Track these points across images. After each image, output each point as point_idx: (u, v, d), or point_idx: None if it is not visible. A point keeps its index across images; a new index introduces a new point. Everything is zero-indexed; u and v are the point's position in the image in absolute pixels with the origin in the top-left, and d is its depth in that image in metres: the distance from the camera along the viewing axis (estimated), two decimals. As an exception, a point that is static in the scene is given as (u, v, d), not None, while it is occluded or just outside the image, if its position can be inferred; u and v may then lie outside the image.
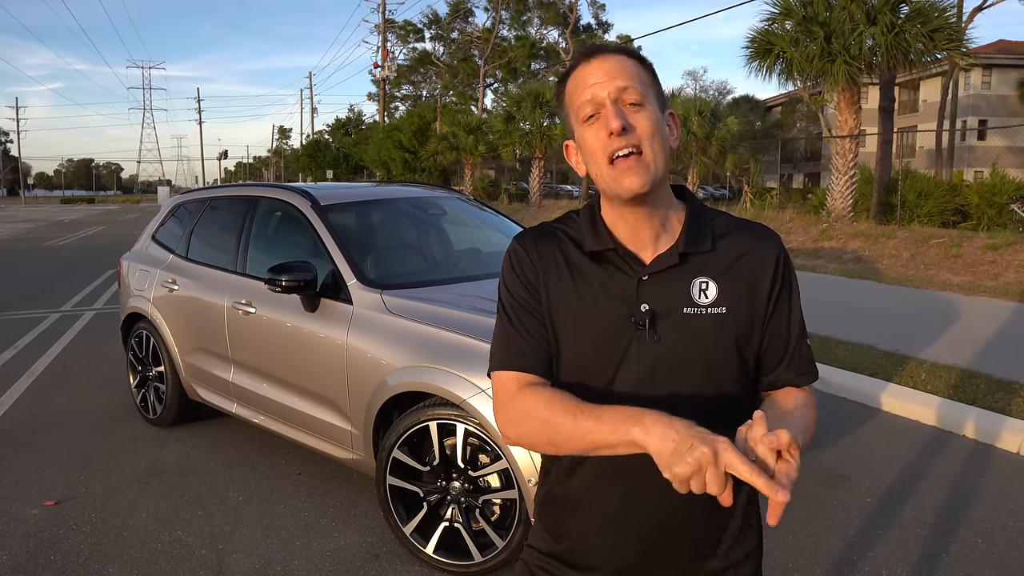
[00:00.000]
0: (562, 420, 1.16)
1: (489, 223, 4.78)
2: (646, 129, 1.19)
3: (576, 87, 1.23)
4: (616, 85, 1.19)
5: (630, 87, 1.19)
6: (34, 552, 3.29)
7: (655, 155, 1.20)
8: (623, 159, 1.19)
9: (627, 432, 1.07)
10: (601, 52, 1.24)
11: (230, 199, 4.80)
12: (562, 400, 1.18)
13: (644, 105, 1.20)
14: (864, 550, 3.28)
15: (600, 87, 1.20)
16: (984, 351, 6.35)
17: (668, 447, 1.01)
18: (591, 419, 1.12)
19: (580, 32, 48.75)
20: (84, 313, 9.25)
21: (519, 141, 29.16)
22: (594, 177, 1.25)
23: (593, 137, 1.21)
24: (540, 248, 1.31)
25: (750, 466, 0.96)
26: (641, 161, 1.19)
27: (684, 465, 0.98)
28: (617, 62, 1.22)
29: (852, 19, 14.70)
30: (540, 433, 1.19)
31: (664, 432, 1.03)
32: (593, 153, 1.21)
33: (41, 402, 5.50)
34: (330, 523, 3.55)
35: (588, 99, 1.20)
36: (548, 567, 1.36)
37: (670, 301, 1.23)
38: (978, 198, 15.81)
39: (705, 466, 0.97)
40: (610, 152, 1.19)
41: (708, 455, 0.97)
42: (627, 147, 1.18)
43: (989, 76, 34.58)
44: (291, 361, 3.81)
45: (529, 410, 1.20)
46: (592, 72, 1.22)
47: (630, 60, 1.24)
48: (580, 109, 1.22)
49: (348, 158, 56.00)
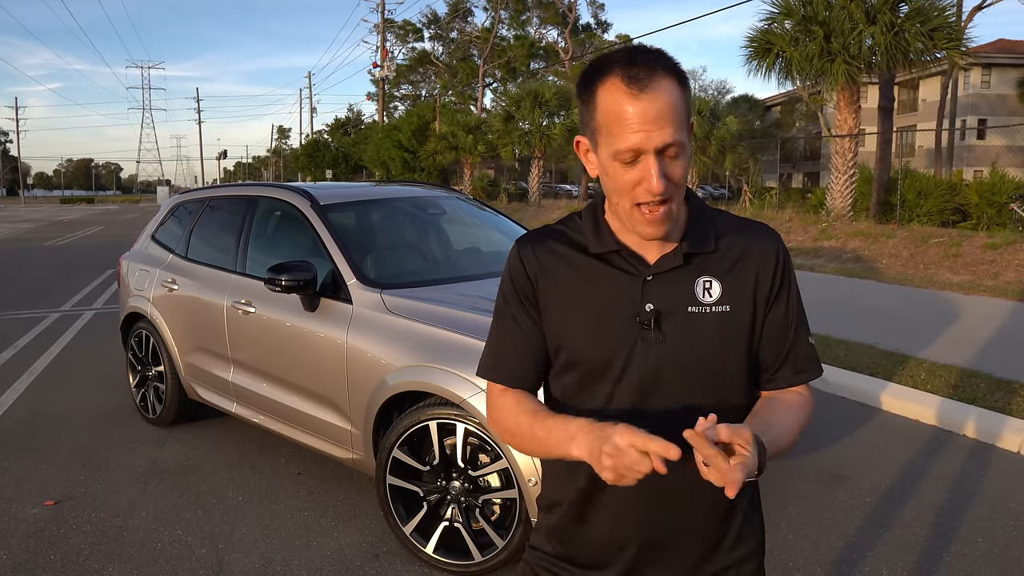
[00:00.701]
0: (524, 428, 1.27)
1: (488, 223, 4.78)
2: (679, 178, 1.17)
3: (615, 118, 1.14)
4: (664, 140, 1.12)
5: (675, 140, 1.13)
6: (34, 552, 3.29)
7: (679, 200, 1.21)
8: (651, 208, 1.17)
9: (567, 451, 1.17)
10: (651, 82, 1.12)
11: (230, 199, 4.80)
12: (526, 405, 1.29)
13: (683, 151, 1.16)
14: (864, 549, 3.28)
15: (647, 139, 1.12)
16: (984, 350, 6.35)
17: (593, 460, 1.12)
18: (544, 430, 1.23)
19: (579, 32, 48.77)
20: (84, 313, 9.24)
21: (518, 141, 29.15)
22: (610, 199, 1.24)
23: (626, 177, 1.16)
24: (539, 254, 1.31)
25: (644, 436, 1.05)
26: (667, 211, 1.18)
27: (606, 470, 1.08)
28: (666, 99, 1.12)
29: (852, 18, 14.70)
30: (513, 437, 1.30)
31: (587, 443, 1.13)
32: (620, 190, 1.18)
33: (41, 402, 5.50)
34: (330, 523, 3.55)
35: (631, 146, 1.13)
36: (551, 567, 1.36)
37: (675, 301, 1.24)
38: (978, 197, 15.82)
39: (617, 459, 1.07)
40: (641, 200, 1.17)
41: (611, 451, 1.07)
42: (661, 204, 1.17)
43: (988, 75, 34.58)
44: (291, 361, 3.80)
45: (504, 415, 1.32)
46: (639, 113, 1.12)
47: (676, 89, 1.15)
48: (618, 151, 1.15)
49: (347, 158, 55.98)
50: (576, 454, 1.15)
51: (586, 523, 1.32)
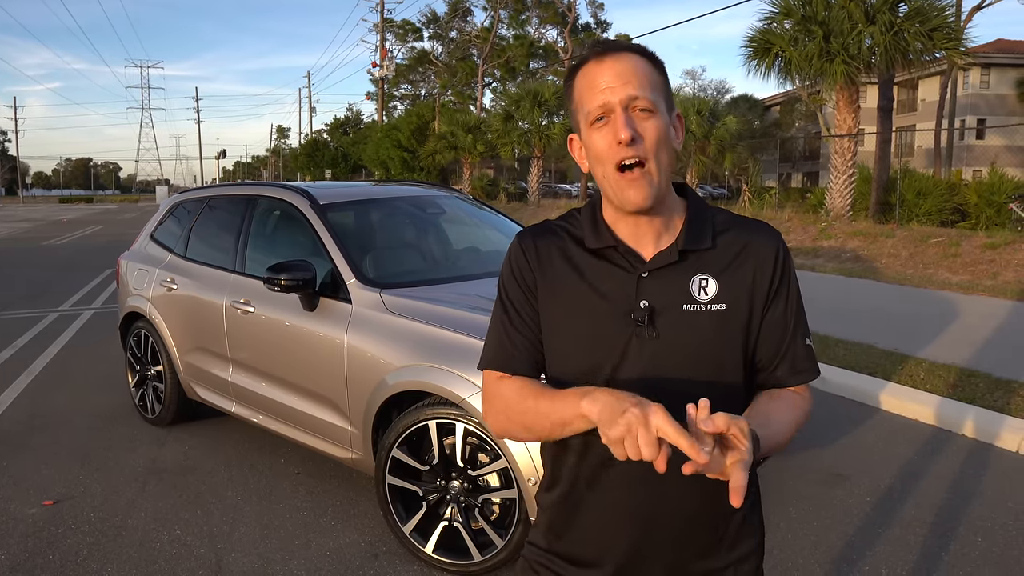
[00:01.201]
0: (528, 403, 1.24)
1: (488, 222, 4.78)
2: (653, 139, 1.19)
3: (586, 87, 1.21)
4: (628, 92, 1.18)
5: (641, 95, 1.18)
6: (33, 552, 3.29)
7: (660, 167, 1.20)
8: (629, 170, 1.19)
9: (576, 405, 1.13)
10: (613, 51, 1.21)
11: (229, 198, 4.79)
12: (531, 386, 1.26)
13: (654, 112, 1.19)
14: (864, 549, 3.28)
15: (611, 92, 1.18)
16: (983, 350, 6.36)
17: (606, 412, 1.07)
18: (549, 400, 1.20)
19: (579, 31, 48.74)
20: (83, 312, 9.23)
21: (518, 140, 29.15)
22: (598, 180, 1.25)
23: (600, 141, 1.20)
24: (540, 247, 1.32)
25: (677, 428, 1.00)
26: (645, 174, 1.19)
27: (616, 427, 1.03)
28: (630, 63, 1.20)
29: (851, 18, 14.71)
30: (515, 418, 1.26)
31: (605, 399, 1.09)
32: (599, 157, 1.21)
33: (39, 401, 5.49)
34: (329, 522, 3.55)
35: (599, 104, 1.19)
36: (549, 564, 1.36)
37: (670, 298, 1.24)
38: (977, 197, 15.82)
39: (635, 427, 1.02)
40: (617, 160, 1.19)
41: (638, 416, 1.02)
42: (634, 157, 1.18)
43: (988, 75, 34.60)
44: (290, 360, 3.80)
45: (505, 398, 1.28)
46: (604, 73, 1.19)
47: (642, 61, 1.22)
48: (590, 112, 1.20)
49: (347, 157, 55.94)
50: (587, 409, 1.10)
51: (584, 520, 1.32)
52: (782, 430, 1.22)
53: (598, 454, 1.26)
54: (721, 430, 1.01)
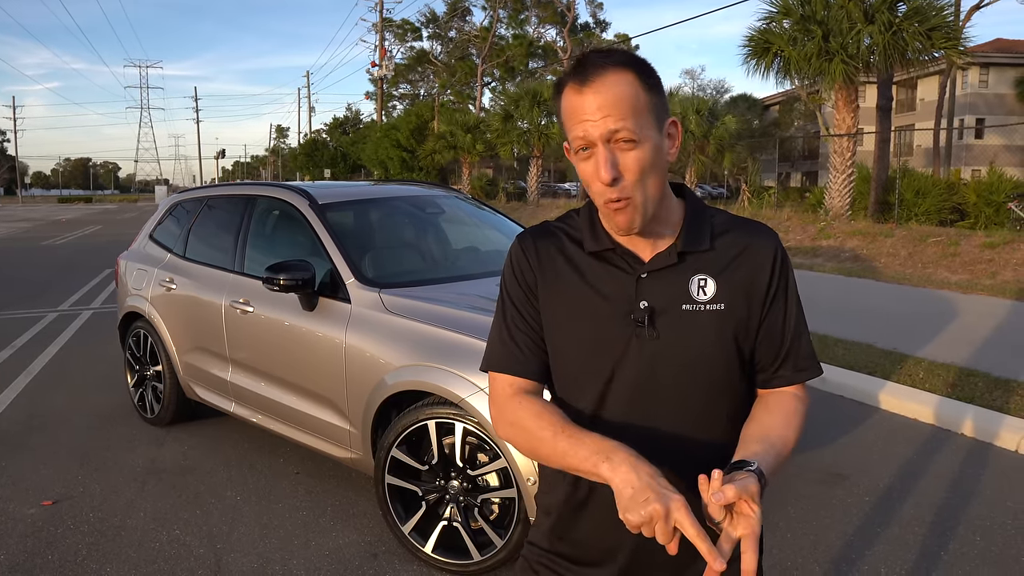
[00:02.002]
0: (545, 435, 1.21)
1: (487, 222, 4.78)
2: (636, 172, 1.17)
3: (569, 115, 1.19)
4: (608, 126, 1.14)
5: (623, 127, 1.14)
6: (31, 552, 3.28)
7: (645, 195, 1.19)
8: (614, 203, 1.19)
9: (596, 465, 1.12)
10: (595, 73, 1.16)
11: (228, 198, 4.79)
12: (549, 416, 1.23)
13: (638, 142, 1.16)
14: (863, 548, 3.28)
15: (592, 126, 1.15)
16: (982, 349, 6.36)
17: (627, 492, 1.06)
18: (568, 441, 1.18)
19: (578, 31, 48.75)
20: (82, 312, 9.23)
21: (517, 140, 29.15)
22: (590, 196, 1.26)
23: (586, 170, 1.20)
24: (540, 248, 1.33)
25: (698, 529, 1.00)
26: (630, 205, 1.19)
27: (637, 516, 1.04)
28: (612, 90, 1.15)
29: (850, 18, 14.71)
30: (525, 442, 1.26)
31: (627, 476, 1.08)
32: (587, 183, 1.22)
33: (38, 401, 5.49)
34: (328, 522, 3.55)
35: (579, 136, 1.17)
36: (551, 564, 1.36)
37: (669, 298, 1.24)
38: (976, 196, 15.83)
39: (656, 521, 1.03)
40: (603, 198, 1.19)
41: (660, 512, 1.03)
42: (617, 197, 1.18)
43: (986, 75, 34.62)
44: (289, 360, 3.80)
45: (520, 419, 1.26)
46: (584, 103, 1.16)
47: (627, 78, 1.16)
48: (573, 141, 1.19)
49: (346, 157, 55.94)
50: (607, 476, 1.10)
51: (585, 520, 1.32)
52: (785, 448, 1.23)
53: None
54: (731, 501, 1.02)
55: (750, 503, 1.03)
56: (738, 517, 1.04)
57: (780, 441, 1.22)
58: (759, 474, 1.09)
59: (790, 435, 1.25)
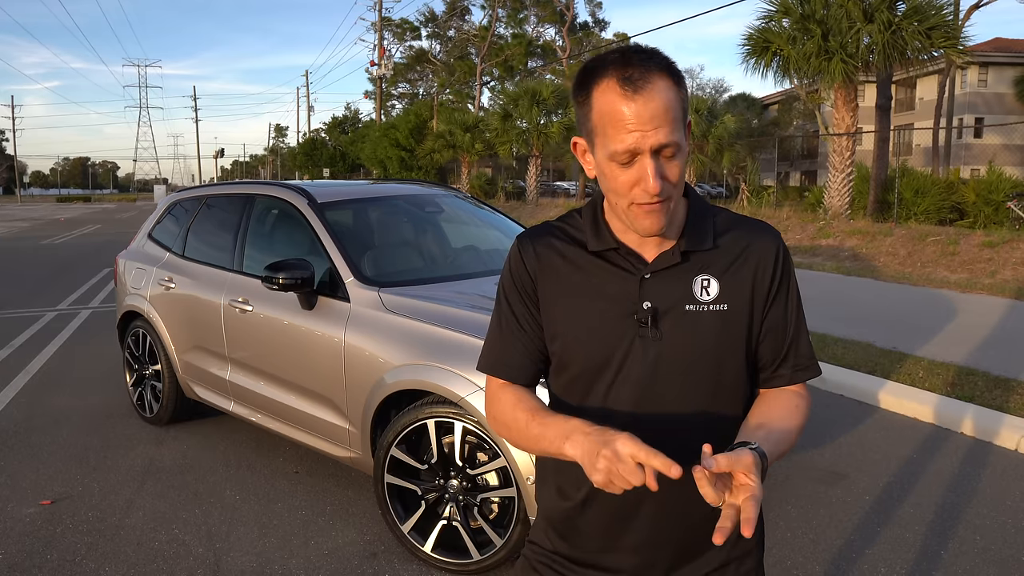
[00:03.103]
0: (520, 419, 1.26)
1: (486, 221, 4.77)
2: (677, 178, 1.17)
3: (611, 121, 1.13)
4: (659, 139, 1.11)
5: (671, 140, 1.12)
6: (30, 552, 3.28)
7: (676, 198, 1.20)
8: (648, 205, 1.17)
9: (560, 448, 1.15)
10: (645, 84, 1.11)
11: (227, 197, 4.78)
12: (526, 403, 1.27)
13: (680, 151, 1.15)
14: (863, 547, 3.28)
15: (643, 138, 1.11)
16: (981, 348, 6.36)
17: (586, 460, 1.09)
18: (540, 427, 1.22)
19: (577, 30, 48.74)
20: (80, 312, 9.22)
21: (516, 139, 29.13)
22: (608, 198, 1.23)
23: (623, 178, 1.16)
24: (539, 250, 1.32)
25: (647, 450, 1.02)
26: (664, 207, 1.18)
27: (597, 472, 1.05)
28: (661, 100, 1.11)
29: (849, 17, 14.71)
30: (510, 433, 1.29)
31: (582, 445, 1.11)
32: (618, 191, 1.18)
33: (37, 401, 5.48)
34: (328, 522, 3.54)
35: (628, 147, 1.12)
36: (552, 563, 1.36)
37: (672, 299, 1.24)
38: (975, 196, 15.84)
39: (613, 465, 1.04)
40: (639, 202, 1.16)
41: (609, 456, 1.04)
42: (658, 201, 1.16)
43: (986, 74, 34.62)
44: (288, 359, 3.79)
45: (502, 410, 1.31)
46: (635, 114, 1.11)
47: (669, 86, 1.13)
48: (615, 152, 1.14)
49: (345, 156, 55.90)
50: (570, 453, 1.13)
51: (586, 520, 1.32)
52: (785, 439, 1.22)
53: None
54: (724, 471, 1.02)
55: (747, 474, 1.02)
56: (737, 488, 1.03)
57: (781, 429, 1.22)
58: (759, 452, 1.08)
59: (792, 426, 1.25)
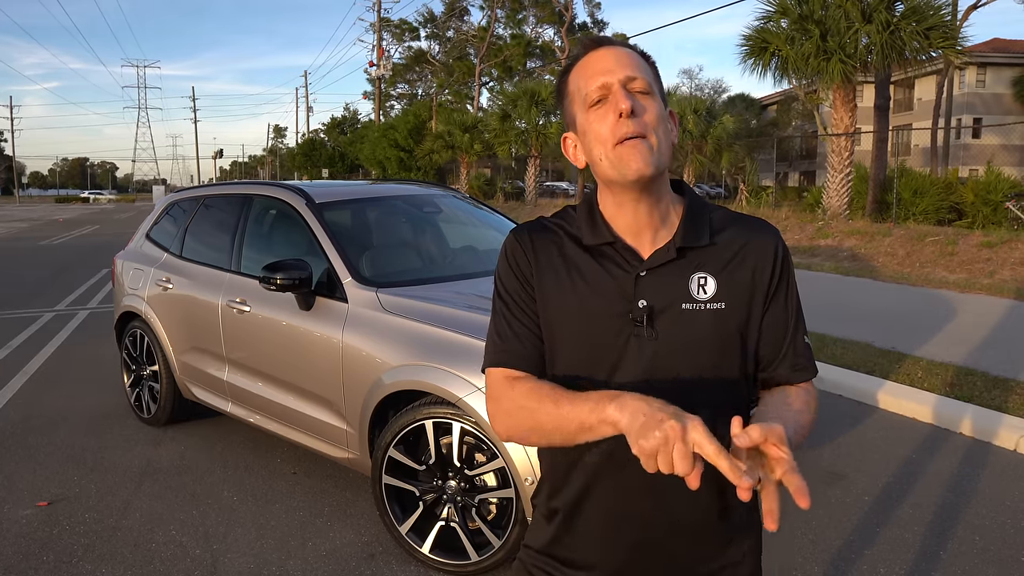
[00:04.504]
0: (546, 406, 1.16)
1: (485, 221, 4.77)
2: (653, 116, 1.19)
3: (583, 73, 1.23)
4: (626, 74, 1.19)
5: (639, 76, 1.20)
6: (26, 553, 3.27)
7: (660, 142, 1.19)
8: (629, 140, 1.17)
9: (603, 410, 1.06)
10: (608, 42, 1.24)
11: (225, 197, 4.77)
12: (548, 388, 1.19)
13: (651, 95, 1.20)
14: (862, 548, 3.27)
15: (611, 74, 1.19)
16: (980, 348, 6.36)
17: (639, 420, 1.00)
18: (570, 403, 1.13)
19: (576, 30, 48.73)
20: (78, 312, 9.21)
21: (515, 139, 29.14)
22: (595, 164, 1.22)
23: (599, 121, 1.19)
24: (535, 242, 1.29)
25: (717, 446, 0.95)
26: (647, 143, 1.18)
27: (651, 438, 0.97)
28: (625, 52, 1.23)
29: (848, 17, 14.72)
30: (527, 421, 1.20)
31: (637, 406, 1.02)
32: (599, 137, 1.19)
33: (34, 402, 5.47)
34: (325, 523, 3.53)
35: (599, 85, 1.19)
36: (545, 566, 1.34)
37: (668, 297, 1.22)
38: (973, 196, 15.85)
39: (672, 440, 0.96)
40: (618, 135, 1.17)
41: (676, 429, 0.96)
42: (634, 132, 1.17)
43: (984, 74, 34.67)
44: (286, 360, 3.78)
45: (517, 400, 1.21)
46: (601, 59, 1.22)
47: (636, 54, 1.24)
48: (588, 95, 1.20)
49: (344, 157, 55.91)
50: (614, 415, 1.04)
51: (582, 523, 1.30)
52: (801, 431, 1.20)
53: (595, 462, 1.25)
54: (757, 443, 0.97)
55: (779, 445, 0.98)
56: (772, 462, 0.99)
57: (794, 419, 1.19)
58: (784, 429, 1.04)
59: (803, 419, 1.22)
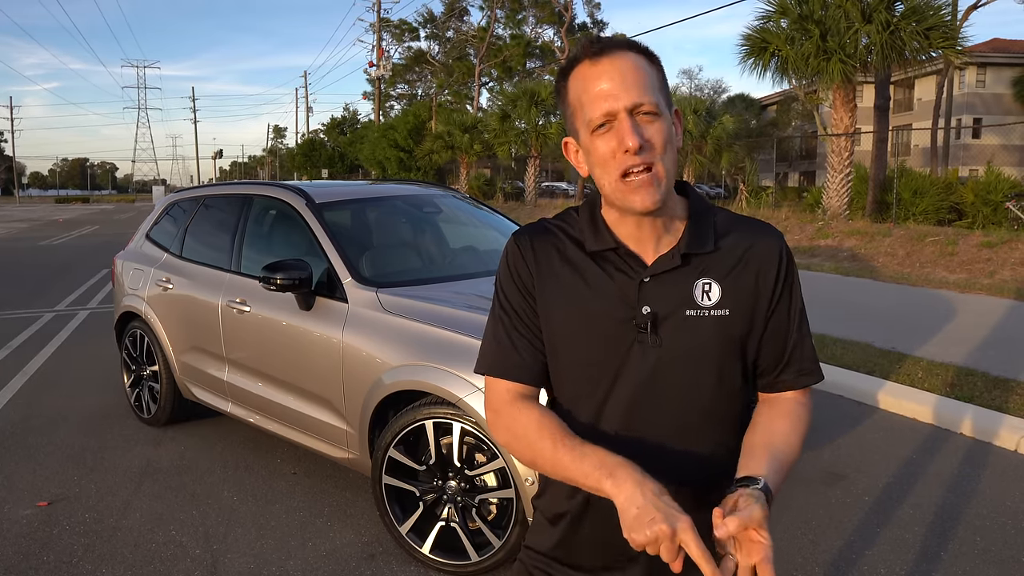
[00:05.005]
0: (545, 447, 1.18)
1: (485, 221, 4.77)
2: (660, 143, 1.14)
3: (585, 90, 1.16)
4: (632, 99, 1.12)
5: (645, 100, 1.13)
6: (26, 553, 3.26)
7: (666, 169, 1.16)
8: (635, 175, 1.14)
9: (598, 481, 1.10)
10: (609, 51, 1.15)
11: (224, 197, 4.77)
12: (550, 426, 1.20)
13: (659, 115, 1.14)
14: (862, 548, 3.27)
15: (615, 99, 1.12)
16: (980, 348, 6.36)
17: (632, 511, 1.05)
18: (569, 455, 1.15)
19: (575, 31, 48.72)
20: (78, 312, 9.20)
21: (515, 140, 29.14)
22: (599, 184, 1.20)
23: (604, 148, 1.15)
24: (537, 247, 1.27)
25: (703, 550, 0.99)
26: (653, 177, 1.14)
27: (642, 535, 1.03)
28: (629, 64, 1.14)
29: (847, 17, 14.72)
30: (524, 451, 1.23)
31: (632, 494, 1.06)
32: (603, 164, 1.16)
33: (35, 402, 5.46)
34: (325, 523, 3.53)
35: (603, 112, 1.13)
36: (547, 568, 1.34)
37: (672, 303, 1.21)
38: (973, 196, 15.85)
39: (662, 541, 1.01)
40: (623, 168, 1.14)
41: (666, 532, 1.01)
42: (641, 164, 1.13)
43: (984, 74, 34.67)
44: (286, 360, 3.78)
45: (519, 426, 1.23)
46: (603, 78, 1.14)
47: (640, 59, 1.16)
48: (592, 120, 1.15)
49: (343, 157, 55.92)
50: (611, 493, 1.08)
51: (584, 526, 1.30)
52: (791, 455, 1.21)
53: None
54: (733, 534, 1.01)
55: (758, 531, 1.02)
56: (749, 544, 1.03)
57: (785, 450, 1.20)
58: (766, 492, 1.08)
59: (794, 442, 1.23)
